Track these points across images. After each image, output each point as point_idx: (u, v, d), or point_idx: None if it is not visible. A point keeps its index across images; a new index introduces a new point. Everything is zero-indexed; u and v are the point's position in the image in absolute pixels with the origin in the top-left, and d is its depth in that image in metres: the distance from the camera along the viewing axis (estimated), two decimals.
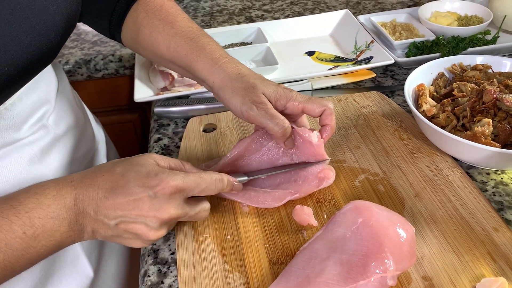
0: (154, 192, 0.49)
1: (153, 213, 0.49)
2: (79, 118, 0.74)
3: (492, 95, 0.67)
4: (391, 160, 0.68)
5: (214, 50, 0.64)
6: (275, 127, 0.58)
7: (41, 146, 0.62)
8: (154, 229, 0.50)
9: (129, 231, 0.49)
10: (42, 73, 0.64)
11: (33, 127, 0.61)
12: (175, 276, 0.56)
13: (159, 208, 0.49)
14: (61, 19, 0.56)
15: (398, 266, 0.48)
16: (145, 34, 0.67)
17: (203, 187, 0.52)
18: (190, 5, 1.28)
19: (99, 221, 0.48)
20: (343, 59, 0.96)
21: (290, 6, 1.25)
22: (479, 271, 0.52)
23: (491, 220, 0.58)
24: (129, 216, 0.48)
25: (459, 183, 0.64)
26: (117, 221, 0.48)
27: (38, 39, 0.53)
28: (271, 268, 0.54)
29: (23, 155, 0.59)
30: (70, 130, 0.69)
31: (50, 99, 0.65)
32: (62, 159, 0.66)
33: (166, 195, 0.49)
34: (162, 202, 0.49)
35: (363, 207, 0.52)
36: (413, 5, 1.22)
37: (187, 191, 0.51)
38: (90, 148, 0.77)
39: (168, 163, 0.54)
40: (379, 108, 0.80)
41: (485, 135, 0.63)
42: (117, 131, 1.17)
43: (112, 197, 0.48)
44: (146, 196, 0.48)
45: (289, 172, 0.64)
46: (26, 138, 0.59)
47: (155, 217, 0.49)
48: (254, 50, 0.96)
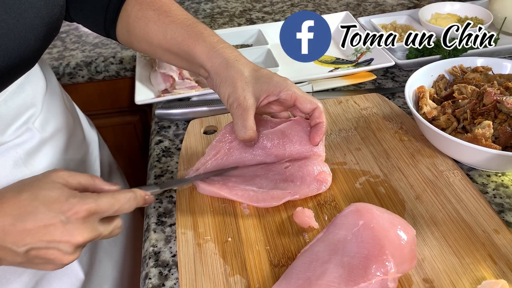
0: (67, 217, 0.46)
1: (66, 238, 0.46)
2: (69, 121, 0.73)
3: (492, 97, 0.67)
4: (391, 162, 0.68)
5: (212, 35, 0.64)
6: (239, 133, 0.60)
7: (26, 149, 0.61)
8: (68, 254, 0.47)
9: (41, 257, 0.47)
10: (28, 76, 0.63)
11: (18, 130, 0.60)
12: (176, 279, 0.56)
13: (72, 233, 0.46)
14: (41, 23, 0.55)
15: (399, 269, 0.48)
16: (140, 26, 0.67)
17: (117, 207, 0.50)
18: (191, 7, 1.28)
19: (6, 249, 0.46)
20: (343, 61, 0.97)
21: (291, 8, 1.25)
22: (480, 273, 0.52)
23: (492, 222, 0.58)
24: (40, 243, 0.46)
25: (459, 185, 0.64)
26: (27, 248, 0.46)
27: (16, 43, 0.51)
28: (272, 270, 0.54)
29: (7, 158, 0.58)
30: (58, 132, 0.68)
31: (36, 103, 0.64)
32: (49, 162, 0.65)
33: (80, 219, 0.47)
34: (75, 227, 0.47)
35: (364, 209, 0.52)
36: (413, 7, 1.22)
37: (100, 213, 0.49)
38: (80, 151, 0.76)
39: (78, 180, 0.50)
40: (379, 110, 0.80)
41: (485, 137, 0.63)
42: (118, 133, 1.17)
43: (21, 224, 0.45)
44: (58, 221, 0.46)
45: (283, 171, 0.64)
46: (10, 141, 0.59)
47: (68, 242, 0.47)
48: (255, 52, 0.96)
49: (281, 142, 0.64)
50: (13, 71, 0.54)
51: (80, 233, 0.47)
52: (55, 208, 0.46)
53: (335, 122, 0.77)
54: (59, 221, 0.46)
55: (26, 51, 0.54)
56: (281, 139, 0.64)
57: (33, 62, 0.58)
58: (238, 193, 0.62)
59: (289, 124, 0.65)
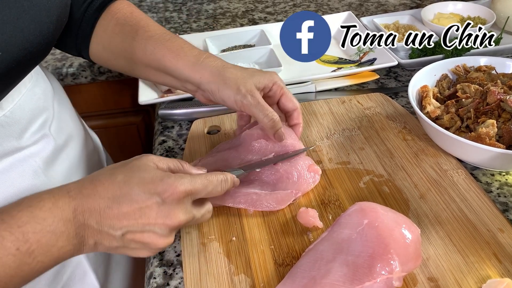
0: (163, 199, 0.46)
1: (162, 220, 0.46)
2: (79, 128, 0.73)
3: (496, 96, 0.67)
4: (395, 161, 0.68)
5: (192, 48, 0.64)
6: (265, 118, 0.60)
7: (44, 158, 0.60)
8: (163, 237, 0.47)
9: (136, 241, 0.47)
10: (37, 79, 0.63)
11: (35, 135, 0.60)
12: (181, 278, 0.56)
13: (167, 215, 0.46)
14: (53, 5, 0.55)
15: (404, 267, 0.48)
16: (117, 42, 0.66)
17: (210, 189, 0.51)
18: (193, 7, 1.28)
19: (103, 233, 0.45)
20: (346, 60, 0.97)
21: (293, 8, 1.25)
22: (484, 272, 0.52)
23: (496, 221, 0.58)
24: (136, 225, 0.46)
25: (463, 184, 0.64)
26: (124, 231, 0.46)
27: (32, 25, 0.51)
28: (276, 269, 0.54)
29: (26, 168, 0.57)
30: (70, 140, 0.68)
31: (48, 106, 0.64)
32: (66, 172, 0.65)
33: (175, 200, 0.47)
34: (170, 208, 0.47)
35: (368, 208, 0.53)
36: (415, 6, 1.22)
37: (195, 194, 0.49)
38: (92, 159, 0.76)
39: (167, 165, 0.51)
40: (383, 109, 0.80)
41: (489, 136, 0.63)
42: (121, 133, 1.18)
43: (116, 207, 0.45)
44: (153, 203, 0.46)
45: (278, 171, 0.64)
46: (27, 148, 0.58)
47: (164, 224, 0.46)
48: (258, 53, 0.96)
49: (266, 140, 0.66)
50: (31, 56, 0.53)
51: (175, 215, 0.47)
52: (150, 189, 0.46)
53: (338, 121, 0.78)
54: (155, 202, 0.46)
55: (42, 33, 0.53)
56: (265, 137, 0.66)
57: (49, 48, 0.58)
58: (241, 200, 0.61)
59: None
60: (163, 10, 1.28)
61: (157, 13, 1.26)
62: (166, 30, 0.66)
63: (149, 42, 0.64)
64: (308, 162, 0.65)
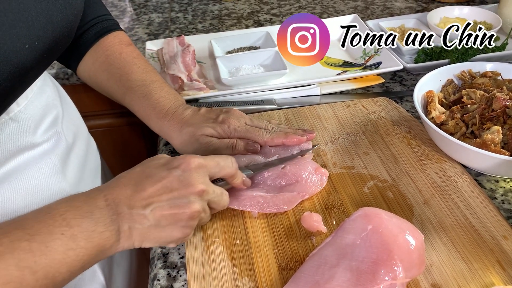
0: (181, 169, 0.51)
1: (184, 189, 0.51)
2: (83, 128, 0.76)
3: (501, 103, 0.67)
4: (399, 166, 0.68)
5: (163, 107, 0.68)
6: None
7: (59, 155, 0.63)
8: (189, 204, 0.51)
9: (166, 216, 0.50)
10: (44, 80, 0.65)
11: (48, 131, 0.62)
12: (185, 280, 0.56)
13: (188, 182, 0.51)
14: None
15: (408, 274, 0.48)
16: (103, 79, 0.72)
17: (222, 164, 0.55)
18: (199, 8, 1.29)
19: (134, 215, 0.49)
20: (351, 64, 0.97)
21: (298, 10, 1.25)
22: (488, 279, 0.52)
23: (500, 228, 0.58)
24: (162, 200, 0.50)
25: (468, 191, 0.64)
26: (152, 208, 0.50)
27: (60, 16, 0.54)
28: (280, 273, 0.55)
29: (43, 166, 0.60)
30: (77, 139, 0.70)
31: (57, 104, 0.66)
32: (77, 172, 0.67)
33: (192, 169, 0.52)
34: (189, 176, 0.51)
35: (373, 214, 0.53)
36: (421, 10, 1.22)
37: (209, 168, 0.54)
38: (96, 160, 0.78)
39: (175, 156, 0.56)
40: (387, 114, 0.80)
41: (494, 143, 0.63)
42: (126, 133, 1.18)
43: (141, 189, 0.50)
44: (173, 176, 0.51)
45: (286, 174, 0.64)
46: (42, 144, 0.60)
47: (187, 191, 0.51)
48: (263, 55, 0.96)
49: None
50: (58, 47, 0.57)
51: (195, 181, 0.52)
52: (167, 167, 0.52)
53: (343, 126, 0.78)
54: (174, 175, 0.51)
55: (67, 24, 0.56)
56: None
57: (70, 39, 0.61)
58: (247, 203, 0.62)
59: None
60: (169, 10, 1.28)
61: (163, 13, 1.26)
62: (146, 79, 0.70)
63: (128, 93, 0.70)
64: (314, 165, 0.65)
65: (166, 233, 0.51)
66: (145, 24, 1.21)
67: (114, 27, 0.74)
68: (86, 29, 0.71)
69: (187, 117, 0.67)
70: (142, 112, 0.69)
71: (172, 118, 0.67)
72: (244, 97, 0.87)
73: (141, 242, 0.51)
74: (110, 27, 0.73)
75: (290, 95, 0.88)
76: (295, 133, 0.67)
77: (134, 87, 0.69)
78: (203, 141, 0.65)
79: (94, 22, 0.72)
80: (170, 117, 0.68)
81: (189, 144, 0.66)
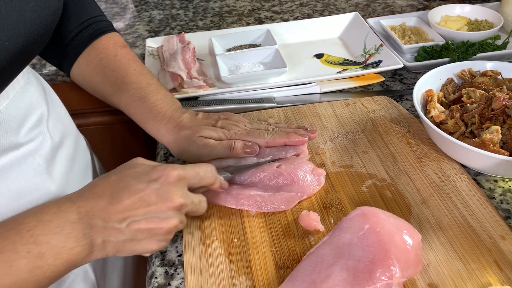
0: (159, 183, 0.49)
1: (162, 203, 0.49)
2: (72, 127, 0.74)
3: (501, 102, 0.67)
4: (398, 165, 0.68)
5: (160, 110, 0.67)
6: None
7: (43, 155, 0.61)
8: (166, 219, 0.49)
9: (142, 230, 0.48)
10: (28, 78, 0.64)
11: (32, 131, 0.60)
12: (182, 278, 0.56)
13: (166, 197, 0.49)
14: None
15: (404, 273, 0.48)
16: (97, 82, 0.70)
17: (202, 174, 0.54)
18: (200, 5, 1.28)
19: (109, 229, 0.47)
20: (352, 62, 0.96)
21: (300, 8, 1.25)
22: (485, 279, 0.52)
23: (498, 228, 0.58)
24: (139, 214, 0.48)
25: (466, 190, 0.64)
26: (128, 222, 0.47)
27: (34, 15, 0.52)
28: (277, 272, 0.55)
29: (27, 166, 0.58)
30: (65, 138, 0.68)
31: (41, 103, 0.64)
32: (64, 171, 0.65)
33: (171, 183, 0.50)
34: (168, 190, 0.49)
35: (370, 213, 0.53)
36: (422, 8, 1.21)
37: (188, 179, 0.52)
38: (85, 158, 0.76)
39: (153, 163, 0.54)
40: (387, 112, 0.80)
41: (493, 143, 0.63)
42: (126, 130, 1.18)
43: (117, 201, 0.47)
44: (151, 189, 0.48)
45: (282, 174, 0.64)
46: (26, 145, 0.58)
47: (165, 206, 0.49)
48: (263, 52, 0.96)
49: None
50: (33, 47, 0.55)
51: (174, 195, 0.50)
52: (145, 179, 0.49)
53: (342, 124, 0.78)
54: (152, 189, 0.49)
55: (42, 23, 0.54)
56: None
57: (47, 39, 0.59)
58: (245, 202, 0.62)
59: None
60: (170, 7, 1.28)
61: (164, 10, 1.26)
62: (142, 82, 0.69)
63: (124, 96, 0.68)
64: (311, 166, 0.65)
65: (141, 246, 0.50)
66: (146, 21, 1.21)
67: (108, 29, 0.72)
68: (79, 30, 0.70)
69: (184, 121, 0.67)
70: (138, 115, 0.68)
71: (169, 121, 0.67)
72: (244, 95, 0.87)
73: (115, 254, 0.50)
74: (104, 29, 0.72)
75: (290, 93, 0.88)
76: (296, 132, 0.66)
77: (130, 90, 0.68)
78: (200, 142, 0.64)
79: (87, 24, 0.70)
80: (167, 121, 0.67)
81: (185, 148, 0.65)
